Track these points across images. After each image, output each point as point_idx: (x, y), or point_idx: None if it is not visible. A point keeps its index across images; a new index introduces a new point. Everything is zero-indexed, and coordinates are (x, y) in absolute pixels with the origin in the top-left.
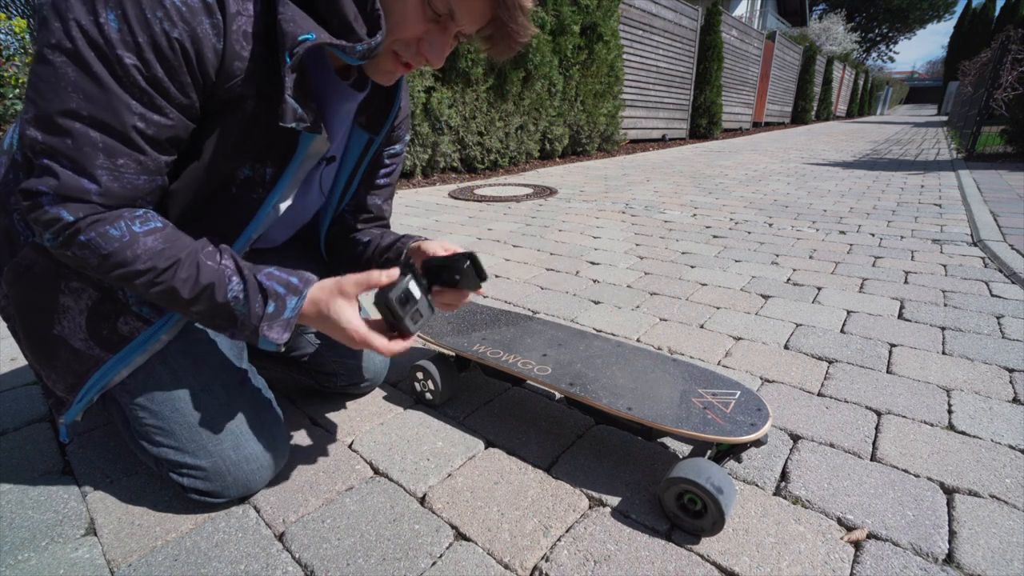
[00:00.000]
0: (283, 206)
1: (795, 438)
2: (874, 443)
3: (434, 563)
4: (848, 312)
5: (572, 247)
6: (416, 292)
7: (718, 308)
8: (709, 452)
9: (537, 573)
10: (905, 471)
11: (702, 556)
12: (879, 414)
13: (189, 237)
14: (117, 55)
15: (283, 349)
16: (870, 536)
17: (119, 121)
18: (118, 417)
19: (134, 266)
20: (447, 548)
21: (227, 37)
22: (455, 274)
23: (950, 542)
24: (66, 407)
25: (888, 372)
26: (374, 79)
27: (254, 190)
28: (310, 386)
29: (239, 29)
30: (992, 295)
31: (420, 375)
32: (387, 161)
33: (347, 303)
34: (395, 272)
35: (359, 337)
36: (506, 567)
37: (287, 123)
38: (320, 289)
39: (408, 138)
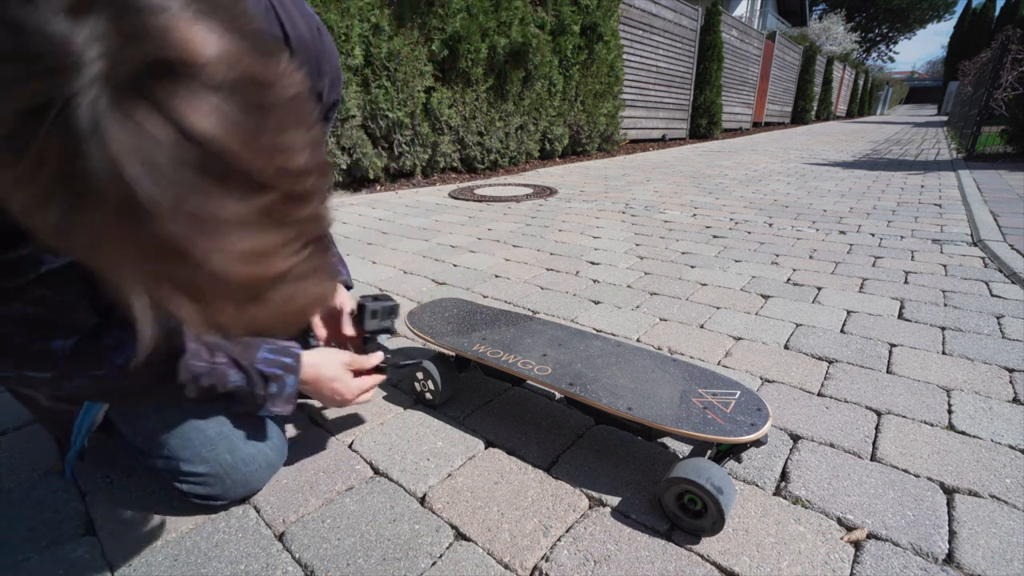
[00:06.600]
0: None
1: (795, 438)
2: (874, 443)
3: (434, 563)
4: (848, 312)
5: (572, 247)
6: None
7: (718, 308)
8: (709, 452)
9: (537, 573)
10: (905, 471)
11: (702, 556)
12: (879, 414)
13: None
14: None
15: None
16: (870, 536)
17: None
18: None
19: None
20: (447, 548)
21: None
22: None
23: (950, 542)
24: (67, 449)
25: (888, 372)
26: None
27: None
28: None
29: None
30: (992, 295)
31: (420, 375)
32: None
33: (348, 374)
34: (380, 355)
35: (353, 395)
36: (506, 567)
37: None
38: (324, 365)
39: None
